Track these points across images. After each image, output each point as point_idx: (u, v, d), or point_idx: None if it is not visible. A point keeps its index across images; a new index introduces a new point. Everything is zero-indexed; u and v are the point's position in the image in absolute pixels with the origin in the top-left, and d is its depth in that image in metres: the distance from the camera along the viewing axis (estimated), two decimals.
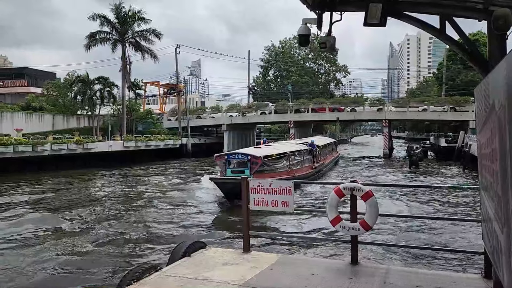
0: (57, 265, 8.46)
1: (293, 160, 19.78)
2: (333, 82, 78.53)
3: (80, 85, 41.12)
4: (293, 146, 22.18)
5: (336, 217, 5.35)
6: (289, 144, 23.60)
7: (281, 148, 20.40)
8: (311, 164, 22.73)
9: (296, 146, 22.04)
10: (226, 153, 17.93)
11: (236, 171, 16.56)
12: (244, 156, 16.72)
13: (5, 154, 26.38)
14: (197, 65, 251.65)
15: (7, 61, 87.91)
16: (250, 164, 16.10)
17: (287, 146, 21.99)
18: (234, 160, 17.15)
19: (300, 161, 21.03)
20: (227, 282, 4.75)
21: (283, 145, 22.42)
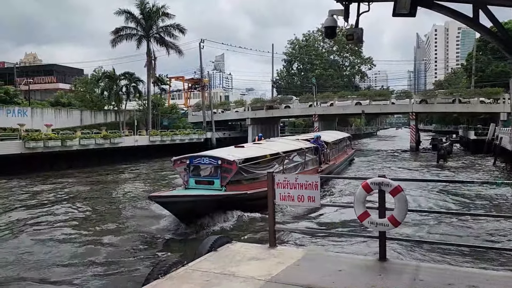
0: (102, 258, 8.68)
1: (289, 163, 15.14)
2: (358, 75, 77.41)
3: (106, 81, 41.85)
4: (291, 144, 17.36)
5: (363, 213, 5.24)
6: (288, 141, 18.66)
7: (275, 146, 15.83)
8: (317, 166, 18.09)
9: (296, 144, 17.37)
10: (189, 156, 12.63)
11: (202, 181, 12.25)
12: (213, 161, 12.11)
13: (36, 148, 27.18)
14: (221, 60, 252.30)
15: (36, 58, 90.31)
16: (221, 172, 11.80)
17: (284, 144, 17.19)
18: (200, 165, 12.50)
19: (301, 164, 16.46)
20: (254, 277, 4.72)
21: (279, 143, 17.63)
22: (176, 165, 12.86)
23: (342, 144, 26.00)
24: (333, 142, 21.82)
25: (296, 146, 16.92)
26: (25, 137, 27.19)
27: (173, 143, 39.96)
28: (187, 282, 4.66)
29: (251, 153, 13.66)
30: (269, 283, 4.56)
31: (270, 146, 15.98)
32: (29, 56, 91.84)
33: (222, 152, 13.51)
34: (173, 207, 10.76)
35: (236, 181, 12.12)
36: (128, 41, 41.23)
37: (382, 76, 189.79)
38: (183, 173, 12.56)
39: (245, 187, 12.06)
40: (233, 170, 11.75)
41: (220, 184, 11.72)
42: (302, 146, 16.98)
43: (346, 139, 28.34)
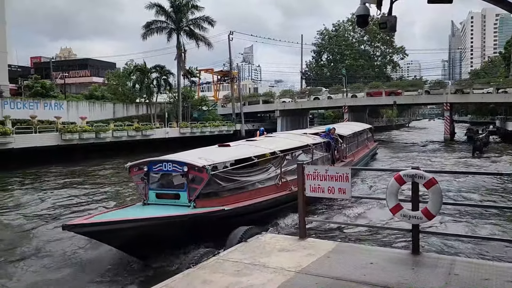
0: None
1: (291, 164, 11.40)
2: (389, 65, 75.64)
3: (138, 74, 42.61)
4: (295, 139, 13.83)
5: (396, 205, 5.16)
6: (292, 136, 14.96)
7: (272, 144, 12.30)
8: (329, 165, 13.88)
9: (301, 140, 13.79)
10: (147, 160, 9.45)
11: (165, 194, 9.04)
12: (178, 167, 8.87)
13: (72, 140, 28.11)
14: (249, 52, 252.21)
15: (71, 52, 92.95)
16: (189, 183, 8.62)
17: (285, 140, 13.76)
18: (161, 174, 9.28)
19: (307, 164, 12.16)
20: (284, 268, 4.74)
21: (280, 139, 14.16)
22: (133, 173, 9.39)
23: (361, 137, 22.28)
24: (349, 136, 18.37)
25: (300, 142, 13.23)
26: (61, 130, 28.15)
27: (202, 135, 40.41)
28: (218, 271, 4.73)
29: (235, 154, 10.46)
30: (299, 274, 4.56)
31: (266, 143, 12.28)
32: (64, 50, 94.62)
33: (194, 154, 10.09)
34: (111, 238, 7.35)
35: (212, 193, 8.86)
36: (158, 35, 41.85)
37: (415, 66, 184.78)
38: (141, 184, 9.16)
39: (224, 200, 8.85)
40: (203, 179, 8.46)
41: (187, 199, 8.54)
42: (308, 142, 13.43)
43: (367, 131, 24.68)
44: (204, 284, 4.36)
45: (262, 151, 10.98)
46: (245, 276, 4.53)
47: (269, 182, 10.33)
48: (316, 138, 14.69)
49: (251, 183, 9.83)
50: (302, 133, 16.44)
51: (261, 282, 4.33)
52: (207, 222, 8.19)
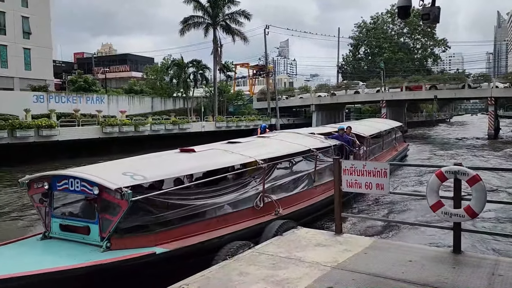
0: None
1: (284, 176, 9.25)
2: (430, 58, 73.09)
3: (175, 69, 43.36)
4: (295, 142, 10.62)
5: (437, 202, 5.02)
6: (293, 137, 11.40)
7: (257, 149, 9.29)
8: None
9: (302, 143, 10.54)
10: (49, 174, 6.40)
11: (72, 226, 6.13)
12: (88, 187, 5.91)
13: (112, 133, 29.04)
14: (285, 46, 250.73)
15: (112, 48, 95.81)
16: (100, 212, 5.85)
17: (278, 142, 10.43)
18: (68, 194, 6.44)
19: (308, 176, 10.02)
20: (320, 263, 4.72)
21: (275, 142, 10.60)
22: (32, 190, 6.47)
23: (388, 137, 18.97)
24: (372, 136, 15.26)
25: (300, 146, 9.96)
26: (102, 123, 29.13)
27: (238, 129, 40.68)
28: (254, 264, 4.77)
29: (193, 165, 7.56)
30: (335, 269, 4.53)
31: (250, 147, 9.21)
32: (105, 46, 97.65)
33: (125, 165, 7.05)
34: None
35: (138, 227, 6.07)
36: (195, 30, 42.34)
37: (457, 59, 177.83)
38: (42, 208, 6.35)
39: (160, 237, 6.02)
40: (121, 207, 5.62)
41: (98, 235, 5.77)
42: (310, 146, 10.11)
43: (396, 130, 20.93)
44: (241, 275, 4.41)
45: (238, 160, 8.02)
46: (280, 270, 4.54)
47: (243, 205, 7.57)
48: (325, 140, 11.50)
49: (213, 207, 6.94)
50: (309, 132, 12.60)
51: (297, 276, 4.33)
52: (124, 275, 5.40)
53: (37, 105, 31.32)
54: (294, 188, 9.34)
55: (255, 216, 7.64)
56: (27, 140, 24.45)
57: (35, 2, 39.39)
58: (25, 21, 38.73)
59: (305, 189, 9.62)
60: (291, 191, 9.19)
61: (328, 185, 9.81)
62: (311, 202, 9.29)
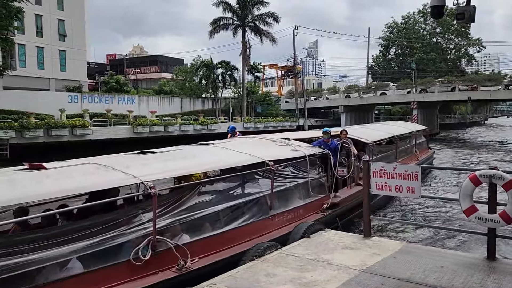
0: None
1: (215, 203, 6.25)
2: (464, 58, 71.04)
3: (204, 70, 43.83)
4: (248, 151, 7.62)
5: (470, 207, 4.86)
6: (256, 143, 9.10)
7: (185, 162, 6.80)
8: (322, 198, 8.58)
9: (261, 152, 7.64)
10: None
11: None
12: None
13: (142, 133, 29.65)
14: (314, 46, 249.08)
15: (143, 49, 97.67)
16: None
17: (229, 153, 7.58)
18: None
19: (258, 201, 7.04)
20: (348, 266, 4.66)
21: (217, 152, 7.76)
22: None
23: (406, 143, 16.00)
24: (378, 142, 12.44)
25: (246, 158, 7.20)
26: (133, 123, 29.77)
27: (266, 129, 40.72)
28: (281, 265, 4.76)
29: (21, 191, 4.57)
30: (364, 273, 4.46)
31: (154, 161, 6.47)
32: (136, 47, 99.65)
33: None
34: None
35: None
36: (224, 31, 42.68)
37: (493, 59, 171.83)
38: None
39: None
40: None
41: None
42: (267, 157, 7.33)
43: (417, 134, 17.26)
44: (268, 276, 4.41)
45: (114, 181, 5.24)
46: (308, 272, 4.51)
47: (112, 258, 4.76)
48: (300, 148, 8.61)
49: (43, 266, 4.22)
50: (283, 138, 9.57)
51: (325, 279, 4.29)
52: None
53: (72, 105, 32.33)
54: (229, 221, 6.26)
55: (133, 277, 4.78)
56: (61, 139, 25.28)
57: (70, 5, 40.69)
58: (61, 24, 40.05)
59: (251, 221, 6.57)
60: (222, 226, 6.12)
61: (296, 212, 7.59)
62: (259, 242, 5.93)
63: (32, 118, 25.24)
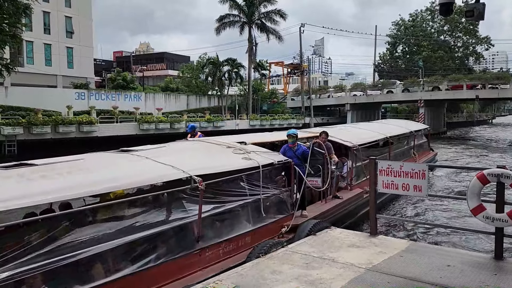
0: None
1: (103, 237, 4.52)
2: (472, 56, 70.47)
3: (210, 67, 43.83)
4: (168, 161, 5.75)
5: (478, 206, 4.84)
6: (191, 149, 7.47)
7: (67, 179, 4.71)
8: (282, 220, 6.99)
9: (186, 163, 5.78)
10: None
11: None
12: None
13: (148, 130, 29.74)
14: (320, 44, 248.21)
15: (149, 47, 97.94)
16: None
17: (146, 164, 5.73)
18: None
19: (177, 229, 5.33)
20: (354, 264, 4.66)
21: (131, 162, 5.84)
22: None
23: (402, 145, 14.38)
24: (364, 145, 10.51)
25: (165, 170, 5.52)
26: (139, 120, 29.88)
27: (272, 127, 40.69)
28: (287, 263, 4.76)
29: None
30: (370, 271, 4.45)
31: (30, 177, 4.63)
32: (143, 45, 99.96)
33: None
34: None
35: None
36: (231, 28, 42.63)
37: (502, 58, 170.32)
38: None
39: None
40: None
41: None
42: (190, 169, 5.54)
43: (416, 135, 15.55)
44: (274, 274, 4.41)
45: None
46: (314, 270, 4.51)
47: None
48: (257, 156, 6.93)
49: None
50: (239, 141, 7.71)
51: (330, 277, 4.29)
52: None
53: (79, 102, 32.49)
54: (125, 264, 4.67)
55: None
56: (69, 135, 25.42)
57: (77, 2, 40.84)
58: (68, 21, 40.22)
59: (162, 260, 4.96)
60: (112, 272, 4.53)
61: (240, 241, 6.04)
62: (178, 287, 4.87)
63: (40, 114, 25.40)
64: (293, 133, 7.94)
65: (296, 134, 7.96)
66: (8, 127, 22.99)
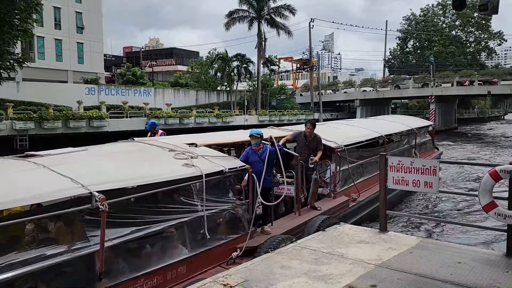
0: None
1: None
2: (484, 52, 69.55)
3: (219, 63, 43.88)
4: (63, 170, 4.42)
5: (490, 203, 4.78)
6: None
7: None
8: (237, 243, 5.75)
9: (82, 176, 4.31)
10: None
11: None
12: None
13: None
14: (330, 39, 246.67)
15: (159, 42, 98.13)
16: None
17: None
18: None
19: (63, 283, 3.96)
20: (363, 260, 4.63)
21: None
22: None
23: (400, 144, 12.54)
24: (350, 146, 8.89)
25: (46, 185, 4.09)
26: (149, 115, 30.01)
27: (281, 123, 40.63)
28: (296, 258, 4.75)
29: None
30: (379, 268, 4.43)
31: None
32: (152, 40, 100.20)
33: None
34: None
35: None
36: (240, 23, 42.59)
37: None
38: None
39: None
40: None
41: None
42: (104, 183, 4.32)
43: (417, 133, 13.72)
44: (283, 269, 4.41)
45: None
46: (323, 265, 4.50)
47: None
48: (206, 162, 5.71)
49: None
50: (190, 143, 6.46)
51: (340, 272, 4.28)
52: None
53: (89, 97, 32.73)
54: None
55: None
56: (79, 130, 25.64)
57: None
58: (79, 16, 40.46)
59: None
60: None
61: (171, 273, 4.85)
62: None
63: (51, 109, 25.65)
64: (257, 133, 6.57)
65: (260, 134, 6.54)
66: (20, 121, 23.26)
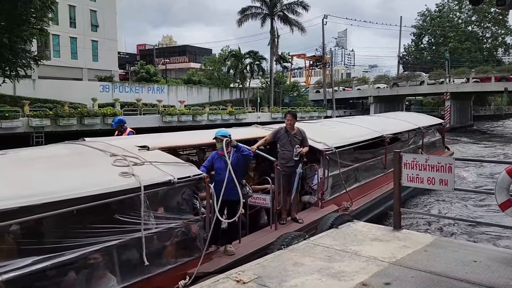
0: None
1: None
2: (501, 47, 68.26)
3: (232, 60, 43.92)
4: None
5: (507, 201, 4.70)
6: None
7: None
8: (187, 269, 4.73)
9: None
10: None
11: None
12: None
13: (171, 123, 30.06)
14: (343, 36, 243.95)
15: (172, 40, 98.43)
16: None
17: None
18: None
19: None
20: (377, 258, 4.60)
21: None
22: None
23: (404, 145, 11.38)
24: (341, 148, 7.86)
25: None
26: (162, 112, 30.23)
27: None
28: (309, 255, 4.75)
29: None
30: (393, 265, 4.40)
31: None
32: (165, 38, 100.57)
33: None
34: None
35: None
36: (253, 20, 42.56)
37: None
38: None
39: None
40: None
41: None
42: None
43: (425, 132, 12.77)
44: (296, 266, 4.41)
45: None
46: (336, 262, 4.49)
47: None
48: (153, 171, 4.77)
49: None
50: (141, 145, 5.46)
51: (353, 270, 4.26)
52: None
53: (103, 95, 33.07)
54: None
55: None
56: (94, 127, 25.93)
57: None
58: (93, 15, 40.86)
59: None
60: None
61: None
62: None
63: (66, 107, 25.99)
64: (224, 135, 5.58)
65: (228, 137, 5.54)
66: (36, 119, 23.63)
